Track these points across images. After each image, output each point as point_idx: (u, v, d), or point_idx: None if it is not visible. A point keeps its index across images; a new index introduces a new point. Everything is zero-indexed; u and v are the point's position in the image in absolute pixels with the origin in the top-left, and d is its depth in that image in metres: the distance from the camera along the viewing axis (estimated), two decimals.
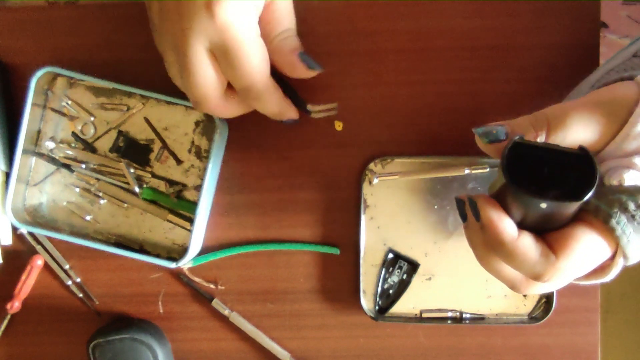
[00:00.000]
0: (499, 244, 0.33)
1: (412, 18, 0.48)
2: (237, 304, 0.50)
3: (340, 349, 0.50)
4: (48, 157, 0.49)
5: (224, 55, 0.37)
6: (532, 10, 0.47)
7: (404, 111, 0.48)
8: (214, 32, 0.36)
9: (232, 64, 0.37)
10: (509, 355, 0.50)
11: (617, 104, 0.33)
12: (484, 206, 0.33)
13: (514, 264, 0.33)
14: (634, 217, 0.31)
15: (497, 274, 0.36)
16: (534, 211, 0.32)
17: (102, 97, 0.49)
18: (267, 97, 0.40)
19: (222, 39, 0.36)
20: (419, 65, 0.48)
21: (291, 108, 0.44)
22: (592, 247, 0.32)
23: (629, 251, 0.32)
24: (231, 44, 0.36)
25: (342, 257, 0.49)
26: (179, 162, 0.49)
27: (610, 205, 0.32)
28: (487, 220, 0.33)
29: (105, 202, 0.49)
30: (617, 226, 0.32)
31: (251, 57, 0.37)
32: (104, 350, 0.47)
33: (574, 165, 0.31)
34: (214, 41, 0.36)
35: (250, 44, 0.37)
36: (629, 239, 0.32)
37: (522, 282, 0.35)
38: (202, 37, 0.36)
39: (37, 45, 0.49)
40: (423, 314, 0.49)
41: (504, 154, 0.31)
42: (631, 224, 0.31)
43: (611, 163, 0.33)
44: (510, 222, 0.33)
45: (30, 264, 0.49)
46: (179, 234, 0.49)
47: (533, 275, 0.33)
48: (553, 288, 0.35)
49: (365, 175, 0.48)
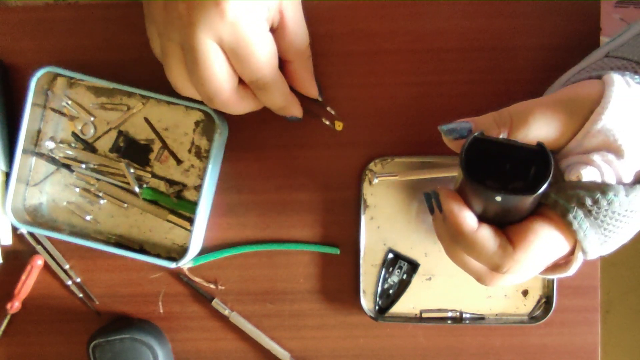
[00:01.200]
0: (460, 234, 0.34)
1: (411, 18, 0.48)
2: (237, 304, 0.50)
3: (340, 349, 0.50)
4: (48, 157, 0.49)
5: (234, 50, 0.37)
6: (532, 11, 0.47)
7: (403, 111, 0.48)
8: (223, 28, 0.36)
9: (241, 58, 0.37)
10: (508, 355, 0.50)
11: (579, 102, 0.33)
12: (446, 199, 0.35)
13: (473, 255, 0.35)
14: (591, 212, 0.32)
15: (463, 266, 0.37)
16: (491, 204, 0.33)
17: (102, 97, 0.49)
18: (274, 89, 0.41)
19: (231, 35, 0.36)
20: (419, 66, 0.48)
21: (296, 104, 0.45)
22: (549, 240, 0.33)
23: (586, 245, 0.33)
24: (240, 40, 0.37)
25: (342, 257, 0.49)
26: (179, 162, 0.49)
27: (568, 201, 0.33)
28: (448, 212, 0.34)
29: (105, 202, 0.49)
30: (573, 221, 0.32)
31: (260, 52, 0.38)
32: (104, 350, 0.47)
33: (533, 160, 0.32)
34: (224, 36, 0.36)
35: (259, 39, 0.37)
36: (586, 233, 0.32)
37: (487, 275, 0.36)
38: (212, 32, 0.36)
39: (37, 46, 0.49)
40: (423, 314, 0.49)
41: (463, 149, 0.32)
42: (588, 219, 0.32)
43: (572, 159, 0.33)
44: (470, 214, 0.34)
45: (30, 264, 0.49)
46: (179, 234, 0.49)
47: (492, 266, 0.34)
48: (516, 281, 0.36)
49: (365, 175, 0.48)
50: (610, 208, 0.32)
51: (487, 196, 0.32)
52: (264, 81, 0.39)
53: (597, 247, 0.33)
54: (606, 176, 0.32)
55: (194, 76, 0.38)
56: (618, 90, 0.33)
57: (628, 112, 0.32)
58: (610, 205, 0.32)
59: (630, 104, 0.32)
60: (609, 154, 0.32)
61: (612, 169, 0.32)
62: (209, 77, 0.38)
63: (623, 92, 0.33)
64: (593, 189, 0.32)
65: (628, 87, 0.33)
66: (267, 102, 0.42)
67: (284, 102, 0.43)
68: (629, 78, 0.34)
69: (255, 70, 0.38)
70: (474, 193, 0.33)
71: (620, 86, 0.33)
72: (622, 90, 0.33)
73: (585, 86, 0.35)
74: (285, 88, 0.42)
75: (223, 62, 0.38)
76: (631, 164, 0.32)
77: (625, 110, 0.32)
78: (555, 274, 0.36)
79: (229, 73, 0.38)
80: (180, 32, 0.37)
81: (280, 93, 0.42)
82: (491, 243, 0.34)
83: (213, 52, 0.37)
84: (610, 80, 0.33)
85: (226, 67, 0.38)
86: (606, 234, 0.33)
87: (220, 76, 0.38)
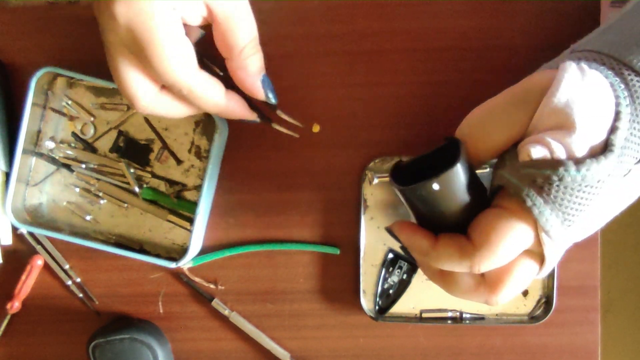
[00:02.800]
0: (424, 254, 0.36)
1: (411, 18, 0.48)
2: (237, 304, 0.50)
3: (340, 349, 0.50)
4: (48, 157, 0.49)
5: (137, 53, 0.35)
6: (532, 11, 0.47)
7: (403, 111, 0.48)
8: (120, 32, 0.35)
9: (146, 61, 0.35)
10: (508, 355, 0.50)
11: (531, 92, 0.34)
12: (398, 229, 0.37)
13: (447, 266, 0.35)
14: (542, 188, 0.32)
15: (462, 297, 0.38)
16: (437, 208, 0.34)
17: (102, 97, 0.49)
18: (198, 95, 0.38)
19: (129, 39, 0.35)
20: (419, 66, 0.48)
21: (240, 107, 0.41)
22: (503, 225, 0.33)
23: (544, 223, 0.33)
24: (140, 42, 0.34)
25: (342, 257, 0.49)
26: (179, 162, 0.49)
27: (520, 180, 0.33)
28: (405, 239, 0.36)
29: (105, 202, 0.49)
30: (527, 198, 0.32)
31: (166, 54, 0.35)
32: (104, 350, 0.47)
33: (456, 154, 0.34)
34: (124, 40, 0.35)
35: (164, 40, 0.35)
36: (541, 210, 0.32)
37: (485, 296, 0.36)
38: (113, 36, 0.35)
39: (37, 45, 0.49)
40: (423, 314, 0.49)
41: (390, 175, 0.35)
42: (541, 197, 0.32)
43: (525, 140, 0.34)
44: (423, 233, 0.36)
45: (30, 264, 0.49)
46: (178, 234, 0.49)
47: (467, 268, 0.34)
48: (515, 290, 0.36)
49: (365, 175, 0.48)
50: (562, 184, 0.31)
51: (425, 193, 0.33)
52: (181, 86, 0.37)
53: (559, 227, 0.33)
54: (556, 153, 0.32)
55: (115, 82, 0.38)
56: (570, 74, 0.33)
57: (580, 92, 0.32)
58: (561, 181, 0.31)
59: (583, 84, 0.32)
60: (560, 132, 0.32)
61: (562, 145, 0.32)
62: (120, 82, 0.37)
63: (575, 74, 0.33)
64: (543, 166, 0.32)
65: (581, 72, 0.33)
66: (199, 108, 0.40)
67: (217, 107, 0.39)
68: (584, 64, 0.34)
69: (166, 76, 0.36)
70: (417, 202, 0.35)
71: (572, 70, 0.33)
72: (574, 74, 0.33)
73: (539, 75, 0.35)
74: (215, 91, 0.39)
75: (130, 67, 0.36)
76: (583, 138, 0.32)
77: (578, 90, 0.32)
78: (544, 270, 0.36)
79: (141, 78, 0.37)
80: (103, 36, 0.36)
81: (208, 98, 0.38)
82: (452, 249, 0.34)
83: (119, 58, 0.36)
84: (564, 66, 0.33)
85: (136, 71, 0.36)
86: (566, 212, 0.32)
87: (130, 81, 0.36)
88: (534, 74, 0.36)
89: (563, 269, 0.48)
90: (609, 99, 0.33)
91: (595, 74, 0.33)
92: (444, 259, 0.35)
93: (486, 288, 0.36)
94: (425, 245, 0.35)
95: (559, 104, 0.32)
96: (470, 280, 0.36)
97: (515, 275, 0.35)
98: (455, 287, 0.37)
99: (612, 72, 0.34)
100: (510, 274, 0.35)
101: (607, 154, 0.32)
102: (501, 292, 0.36)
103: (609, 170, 0.32)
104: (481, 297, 0.37)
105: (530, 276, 0.36)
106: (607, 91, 0.33)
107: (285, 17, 0.44)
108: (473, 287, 0.37)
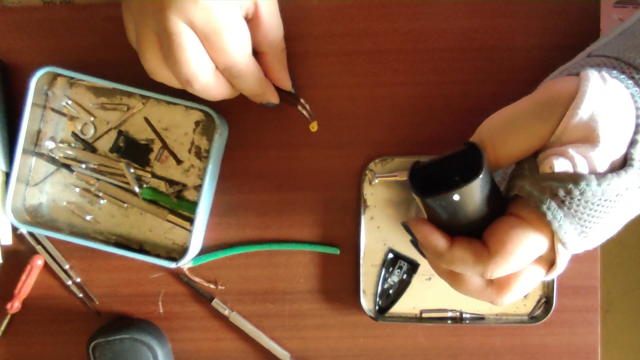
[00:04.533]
0: (438, 255, 0.36)
1: (411, 18, 0.48)
2: (237, 304, 0.50)
3: (340, 349, 0.50)
4: (48, 157, 0.49)
5: (206, 36, 0.37)
6: (532, 11, 0.47)
7: (403, 111, 0.48)
8: (196, 12, 0.36)
9: (213, 44, 0.38)
10: (508, 355, 0.50)
11: (555, 101, 0.34)
12: (416, 226, 0.36)
13: (459, 269, 0.35)
14: (564, 202, 0.32)
15: (470, 295, 0.38)
16: (455, 214, 0.34)
17: (102, 97, 0.49)
18: (248, 76, 0.41)
19: (204, 20, 0.37)
20: (419, 66, 0.48)
21: (272, 91, 0.45)
22: (520, 235, 0.33)
23: (563, 236, 0.33)
24: (213, 25, 0.37)
25: (342, 257, 0.49)
26: (179, 162, 0.49)
27: (541, 192, 0.33)
28: (421, 238, 0.36)
29: (105, 202, 0.49)
30: (547, 212, 0.32)
31: (232, 39, 0.38)
32: (104, 350, 0.47)
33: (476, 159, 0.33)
34: (196, 21, 0.37)
35: (232, 26, 0.38)
36: (560, 224, 0.32)
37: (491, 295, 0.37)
38: (184, 16, 0.36)
39: (37, 45, 0.49)
40: (423, 314, 0.49)
41: (408, 177, 0.35)
42: (561, 210, 0.32)
43: (547, 152, 0.33)
44: (440, 234, 0.36)
45: (30, 264, 0.49)
46: (178, 234, 0.49)
47: (479, 273, 0.35)
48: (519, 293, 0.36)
49: (365, 175, 0.48)
50: (584, 198, 0.32)
51: (445, 203, 0.33)
52: (237, 68, 0.40)
53: (576, 238, 0.33)
54: (579, 167, 0.32)
55: (169, 60, 0.38)
56: (594, 85, 0.33)
57: (604, 105, 0.32)
58: (582, 195, 0.31)
59: (606, 97, 0.32)
60: (583, 145, 0.32)
61: (585, 159, 0.32)
62: (185, 61, 0.38)
63: (598, 86, 0.33)
64: (565, 180, 0.32)
65: (603, 81, 0.33)
66: (242, 89, 0.43)
67: (259, 89, 0.43)
68: (605, 73, 0.34)
69: (227, 57, 0.39)
70: (436, 208, 0.34)
71: (595, 80, 0.33)
72: (597, 84, 0.33)
73: (561, 83, 0.35)
74: (259, 75, 0.42)
75: (198, 46, 0.38)
76: (605, 153, 0.32)
77: (601, 102, 0.32)
78: (549, 274, 0.36)
79: (204, 58, 0.39)
80: (154, 18, 0.37)
81: (253, 81, 0.42)
82: (467, 254, 0.35)
83: (187, 36, 0.37)
84: (586, 75, 0.33)
85: (201, 51, 0.38)
86: (584, 225, 0.33)
87: (195, 60, 0.38)
88: (555, 81, 0.36)
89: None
90: (630, 112, 0.33)
91: (616, 85, 0.33)
92: (457, 262, 0.35)
93: (493, 290, 0.36)
94: (441, 246, 0.35)
95: (584, 117, 0.32)
96: (479, 281, 0.37)
97: (523, 279, 0.35)
98: (463, 286, 0.37)
99: (632, 82, 0.34)
100: (518, 279, 0.35)
101: (627, 169, 0.32)
102: (508, 294, 0.36)
103: (628, 184, 0.32)
104: (487, 298, 0.37)
105: (537, 280, 0.36)
106: (628, 103, 0.33)
107: (286, 17, 0.44)
108: (481, 288, 0.37)
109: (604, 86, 0.33)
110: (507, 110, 0.36)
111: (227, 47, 0.38)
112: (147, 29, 0.38)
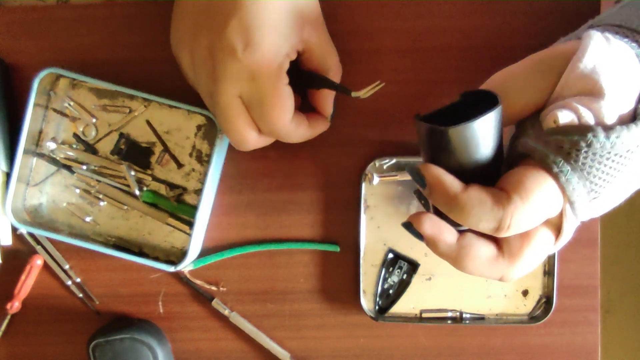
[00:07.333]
0: (451, 200, 0.32)
1: (412, 18, 0.48)
2: (237, 304, 0.50)
3: (340, 349, 0.50)
4: (49, 158, 0.49)
5: (253, 104, 0.39)
6: (532, 10, 0.47)
7: (404, 111, 0.48)
8: (244, 81, 0.37)
9: (259, 112, 0.39)
10: (509, 355, 0.50)
11: (555, 58, 0.33)
12: (426, 168, 0.33)
13: (473, 218, 0.32)
14: (570, 154, 0.31)
15: (476, 271, 0.35)
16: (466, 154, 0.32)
17: (104, 98, 0.49)
18: (290, 137, 0.42)
19: (251, 88, 0.37)
20: (419, 65, 0.48)
21: (316, 129, 0.44)
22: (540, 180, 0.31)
23: (571, 193, 0.31)
24: (259, 94, 0.38)
25: (342, 257, 0.49)
26: (180, 165, 0.49)
27: (547, 146, 0.32)
28: (432, 179, 0.33)
29: (105, 204, 0.49)
30: (553, 165, 0.31)
31: (278, 107, 0.38)
32: (104, 350, 0.47)
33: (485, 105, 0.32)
34: (244, 89, 0.38)
35: (278, 94, 0.38)
36: (567, 178, 0.31)
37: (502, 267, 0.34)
38: (233, 86, 0.37)
39: (39, 46, 0.49)
40: (423, 314, 0.49)
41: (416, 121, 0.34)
42: (568, 163, 0.31)
43: (550, 107, 0.32)
44: (452, 177, 0.33)
45: (29, 264, 0.49)
46: (178, 238, 0.49)
47: (495, 222, 0.32)
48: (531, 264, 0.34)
49: (365, 175, 0.48)
50: (591, 150, 0.30)
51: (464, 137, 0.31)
52: (278, 132, 0.40)
53: (585, 197, 0.31)
54: (584, 118, 0.31)
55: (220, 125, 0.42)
56: (596, 41, 0.32)
57: (607, 59, 0.31)
58: (590, 147, 0.30)
59: (609, 52, 0.32)
60: (587, 97, 0.31)
61: (590, 110, 0.31)
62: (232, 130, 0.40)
63: (601, 42, 0.32)
64: (571, 132, 0.30)
65: (606, 40, 0.32)
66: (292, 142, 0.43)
67: (304, 138, 0.43)
68: (609, 34, 0.33)
69: (271, 123, 0.39)
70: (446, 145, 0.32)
71: (598, 38, 0.32)
72: (600, 41, 0.32)
73: (562, 44, 0.34)
74: (300, 130, 0.42)
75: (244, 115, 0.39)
76: (612, 105, 0.31)
77: (604, 56, 0.31)
78: (557, 243, 0.34)
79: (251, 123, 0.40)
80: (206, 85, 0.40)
81: (297, 136, 0.42)
82: (484, 197, 0.31)
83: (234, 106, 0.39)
84: (588, 34, 0.33)
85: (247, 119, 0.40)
86: (593, 182, 0.31)
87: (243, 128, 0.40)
88: (556, 43, 0.35)
89: (563, 269, 0.48)
90: (635, 68, 0.32)
91: (620, 43, 0.32)
92: (474, 204, 0.31)
93: (505, 259, 0.34)
94: (456, 186, 0.32)
95: (586, 69, 0.31)
96: (489, 251, 0.34)
97: (534, 244, 0.33)
98: (471, 259, 0.34)
99: (636, 45, 0.33)
100: (530, 243, 0.33)
101: (637, 122, 0.30)
102: (520, 262, 0.34)
103: (639, 141, 0.30)
104: (498, 271, 0.34)
105: (546, 249, 0.34)
106: (633, 60, 0.32)
107: None
108: (491, 259, 0.34)
109: (606, 43, 0.32)
110: (508, 69, 0.35)
111: (272, 115, 0.39)
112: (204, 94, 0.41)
